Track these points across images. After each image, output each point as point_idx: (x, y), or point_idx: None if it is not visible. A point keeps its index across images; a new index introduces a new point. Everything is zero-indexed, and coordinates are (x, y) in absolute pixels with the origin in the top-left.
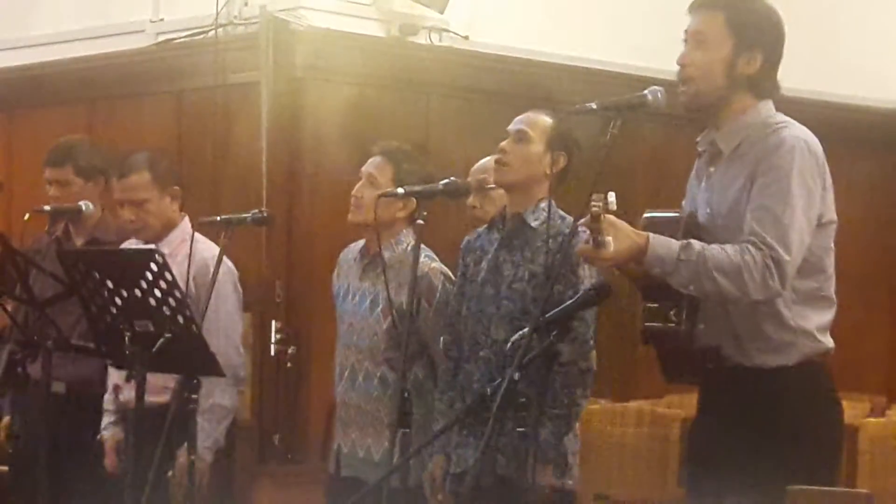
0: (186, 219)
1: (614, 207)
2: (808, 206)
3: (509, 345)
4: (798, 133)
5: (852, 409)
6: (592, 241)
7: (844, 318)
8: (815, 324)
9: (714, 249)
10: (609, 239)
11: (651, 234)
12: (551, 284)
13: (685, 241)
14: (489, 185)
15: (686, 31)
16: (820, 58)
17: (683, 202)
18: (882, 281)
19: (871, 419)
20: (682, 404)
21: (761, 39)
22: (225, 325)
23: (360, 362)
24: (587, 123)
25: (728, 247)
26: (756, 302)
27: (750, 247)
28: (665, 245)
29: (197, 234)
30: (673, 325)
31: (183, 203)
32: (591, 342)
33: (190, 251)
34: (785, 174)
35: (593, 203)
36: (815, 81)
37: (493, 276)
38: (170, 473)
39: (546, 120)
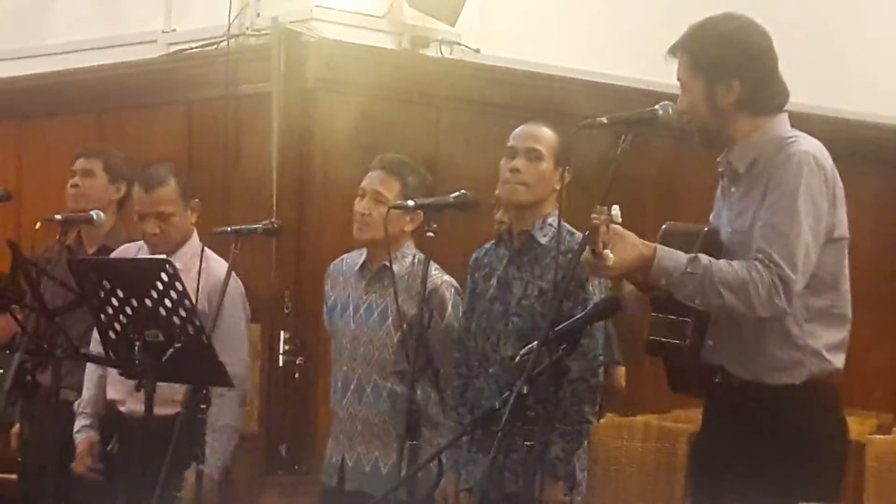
0: (195, 233)
1: (619, 220)
2: (815, 222)
3: (517, 359)
4: (806, 147)
5: (859, 427)
6: (592, 253)
7: (852, 334)
8: (825, 342)
9: (721, 264)
10: (607, 251)
11: (659, 246)
12: (559, 299)
13: (693, 255)
14: None
15: None
16: (828, 74)
17: (711, 216)
18: (890, 298)
19: (878, 436)
20: (690, 419)
21: (730, 66)
22: (236, 343)
23: (368, 375)
24: (597, 138)
25: (735, 263)
26: (761, 319)
27: (757, 264)
28: (672, 258)
29: (207, 251)
30: (678, 341)
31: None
32: (600, 358)
33: (199, 267)
34: (792, 191)
35: (594, 216)
36: (824, 97)
37: (503, 294)
38: (179, 494)
39: (552, 135)
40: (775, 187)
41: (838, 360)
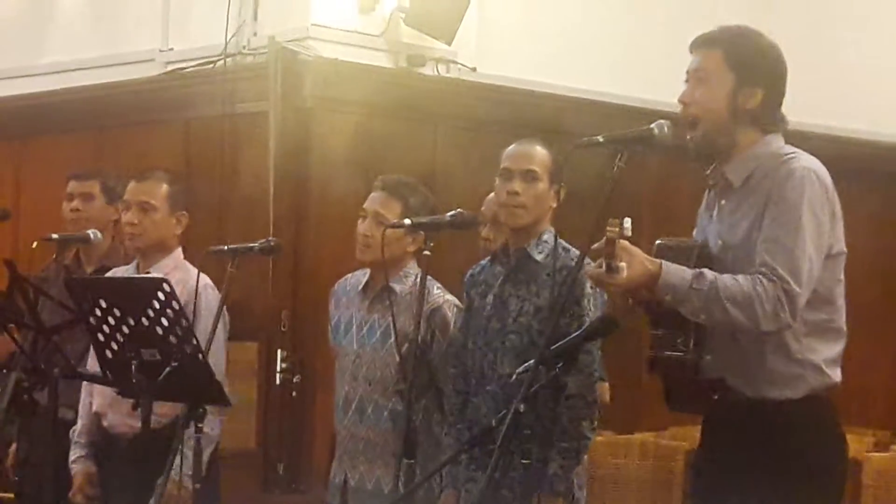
0: (180, 249)
1: (629, 233)
2: (817, 237)
3: (514, 377)
4: (807, 164)
5: (857, 443)
6: (606, 266)
7: (849, 350)
8: (824, 356)
9: (726, 279)
10: (623, 265)
11: (664, 262)
12: (556, 317)
13: (698, 270)
14: None
15: (687, 70)
16: (827, 91)
17: (695, 232)
18: (888, 314)
19: (876, 453)
20: (686, 436)
21: (761, 75)
22: (214, 358)
23: (370, 394)
24: (594, 156)
25: (740, 277)
26: (766, 333)
27: (762, 278)
28: (678, 273)
29: (188, 265)
30: (680, 353)
31: (184, 232)
32: (597, 374)
33: (196, 284)
34: (795, 206)
35: (609, 228)
36: (822, 115)
37: (499, 311)
38: (151, 502)
39: (545, 153)
40: (777, 202)
41: (836, 374)
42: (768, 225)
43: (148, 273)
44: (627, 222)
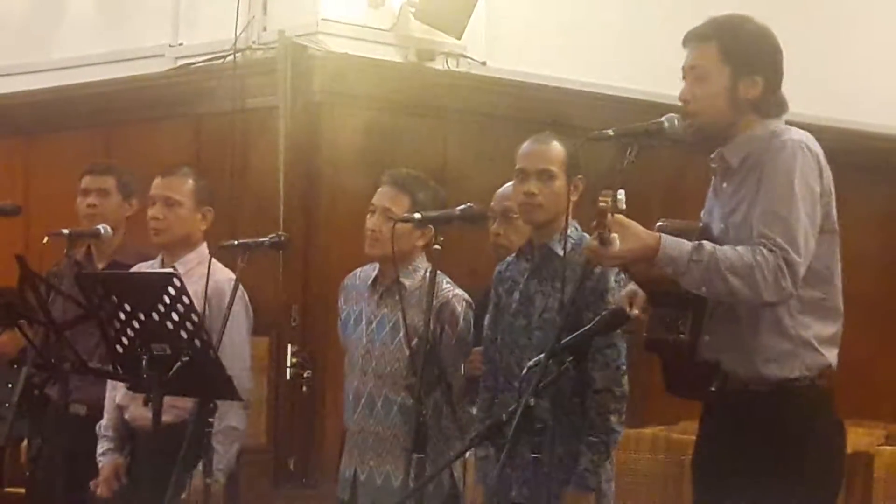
0: (205, 244)
1: (623, 206)
2: (811, 208)
3: (524, 371)
4: (797, 136)
5: (867, 437)
6: (598, 239)
7: (859, 345)
8: (817, 334)
9: (726, 250)
10: (614, 236)
11: (663, 235)
12: (567, 311)
13: (697, 243)
14: (514, 214)
15: (683, 67)
16: (835, 85)
17: (702, 213)
18: None
19: (886, 447)
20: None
21: (758, 63)
22: (239, 351)
23: (379, 389)
24: (604, 150)
25: (740, 248)
26: (767, 303)
27: (762, 248)
28: (677, 246)
29: (214, 259)
30: (675, 336)
31: (209, 228)
32: (623, 367)
33: (207, 274)
34: (787, 177)
35: (601, 199)
36: (830, 108)
37: (525, 308)
38: (183, 496)
39: (560, 149)
40: (771, 174)
41: (831, 355)
42: (763, 197)
43: (173, 268)
44: (621, 194)
